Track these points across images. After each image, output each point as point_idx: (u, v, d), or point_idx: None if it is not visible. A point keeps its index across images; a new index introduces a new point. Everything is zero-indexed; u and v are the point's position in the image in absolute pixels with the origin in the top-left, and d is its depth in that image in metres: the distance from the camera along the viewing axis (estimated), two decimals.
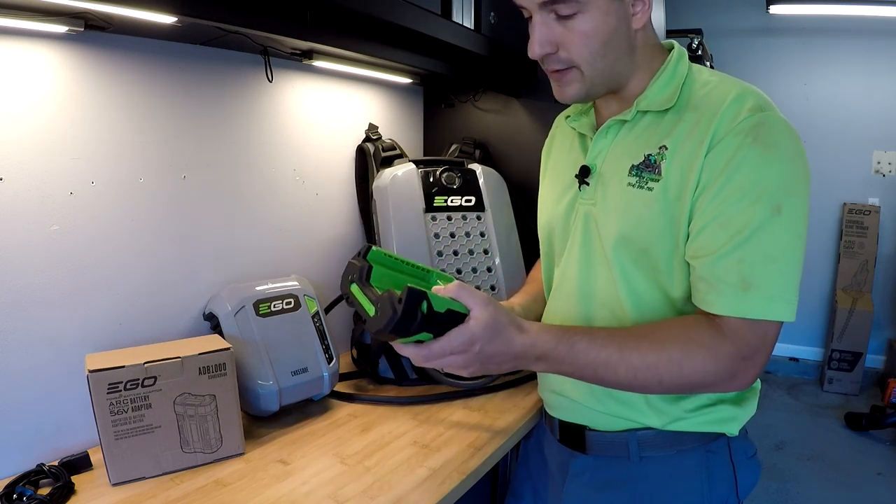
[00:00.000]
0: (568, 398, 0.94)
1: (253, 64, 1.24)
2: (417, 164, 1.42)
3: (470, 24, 1.29)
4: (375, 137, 1.52)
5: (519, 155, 1.66)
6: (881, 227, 3.58)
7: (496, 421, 1.12)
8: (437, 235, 1.37)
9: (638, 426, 0.88)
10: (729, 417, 0.87)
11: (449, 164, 1.46)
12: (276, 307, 1.16)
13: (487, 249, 1.42)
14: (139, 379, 0.89)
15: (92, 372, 0.86)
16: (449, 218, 1.40)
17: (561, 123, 1.05)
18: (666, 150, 0.79)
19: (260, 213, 1.31)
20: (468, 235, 1.41)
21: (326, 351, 1.19)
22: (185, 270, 1.16)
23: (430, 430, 1.09)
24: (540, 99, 1.63)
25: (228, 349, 0.97)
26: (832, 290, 3.71)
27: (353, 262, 0.76)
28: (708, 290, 0.75)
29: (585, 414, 0.92)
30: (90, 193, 1.00)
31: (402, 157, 1.48)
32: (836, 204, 3.68)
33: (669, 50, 0.87)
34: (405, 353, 0.71)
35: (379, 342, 1.27)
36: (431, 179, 1.41)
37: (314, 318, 1.20)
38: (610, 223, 0.84)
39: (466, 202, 1.43)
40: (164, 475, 0.92)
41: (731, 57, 3.71)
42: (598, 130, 0.89)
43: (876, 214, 3.57)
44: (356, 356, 1.38)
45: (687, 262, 0.79)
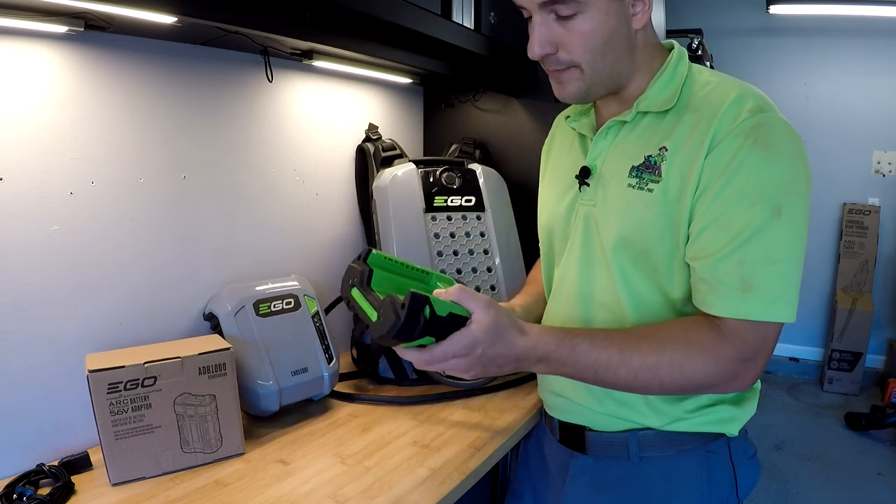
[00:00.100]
0: (568, 399, 0.94)
1: (253, 64, 1.24)
2: (417, 164, 1.42)
3: (470, 24, 1.29)
4: (375, 137, 1.52)
5: (519, 155, 1.66)
6: (881, 227, 3.58)
7: (496, 421, 1.12)
8: (437, 235, 1.37)
9: (638, 426, 0.88)
10: (729, 418, 0.87)
11: (449, 164, 1.46)
12: (276, 307, 1.16)
13: (487, 249, 1.42)
14: (139, 379, 0.89)
15: (92, 372, 0.86)
16: (449, 218, 1.40)
17: (561, 123, 1.05)
18: (666, 151, 0.79)
19: (260, 213, 1.31)
20: (468, 235, 1.40)
21: (326, 351, 1.19)
22: (185, 270, 1.16)
23: (430, 430, 1.09)
24: (540, 99, 1.62)
25: (228, 349, 0.97)
26: (832, 290, 3.71)
27: (353, 265, 0.76)
28: (708, 291, 0.75)
29: (585, 415, 0.92)
30: (90, 193, 1.00)
31: (402, 157, 1.48)
32: (836, 204, 3.68)
33: (669, 50, 0.87)
34: (407, 357, 0.71)
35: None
36: (431, 179, 1.41)
37: (314, 318, 1.20)
38: (610, 224, 0.84)
39: (466, 202, 1.43)
40: (164, 475, 0.92)
41: (731, 57, 3.71)
42: (598, 131, 0.89)
43: (876, 214, 3.57)
44: (356, 356, 1.38)
45: (687, 263, 0.79)
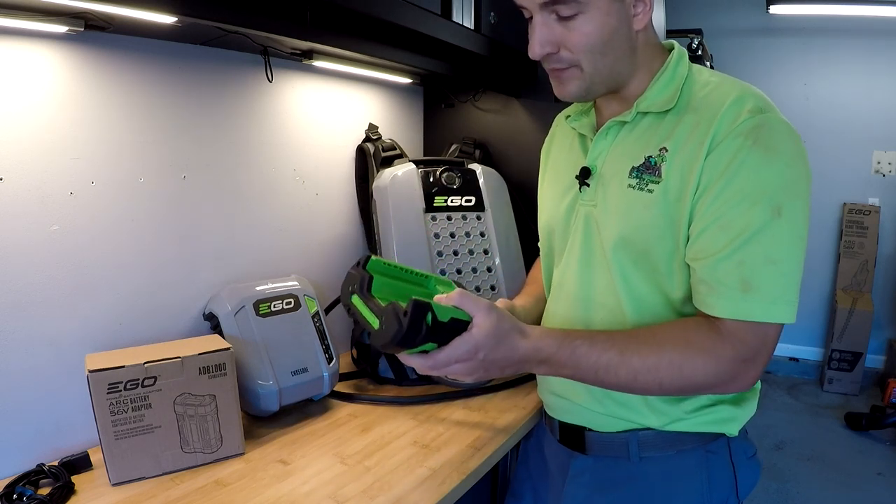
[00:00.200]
0: (568, 400, 0.94)
1: (253, 64, 1.24)
2: (417, 164, 1.42)
3: (470, 24, 1.29)
4: (375, 137, 1.52)
5: (519, 155, 1.66)
6: (881, 227, 3.58)
7: (496, 421, 1.12)
8: (437, 235, 1.37)
9: (638, 427, 0.88)
10: (729, 418, 0.87)
11: (449, 164, 1.46)
12: (276, 307, 1.16)
13: (487, 249, 1.42)
14: (139, 379, 0.89)
15: (92, 372, 0.86)
16: (449, 218, 1.40)
17: (561, 123, 1.05)
18: (666, 151, 0.79)
19: (260, 213, 1.31)
20: (468, 235, 1.40)
21: (326, 351, 1.19)
22: (185, 270, 1.16)
23: (430, 430, 1.09)
24: (540, 99, 1.62)
25: (228, 349, 0.97)
26: (832, 290, 3.71)
27: (352, 272, 0.75)
28: (708, 292, 0.75)
29: (585, 415, 0.92)
30: (90, 193, 1.00)
31: (402, 157, 1.48)
32: (836, 204, 3.68)
33: (670, 50, 0.87)
34: (410, 363, 0.71)
35: None
36: (431, 179, 1.41)
37: (314, 318, 1.20)
38: (610, 225, 0.84)
39: (466, 202, 1.43)
40: (164, 475, 0.92)
41: (731, 57, 3.71)
42: (598, 131, 0.88)
43: (876, 214, 3.57)
44: (356, 356, 1.38)
45: (687, 263, 0.79)
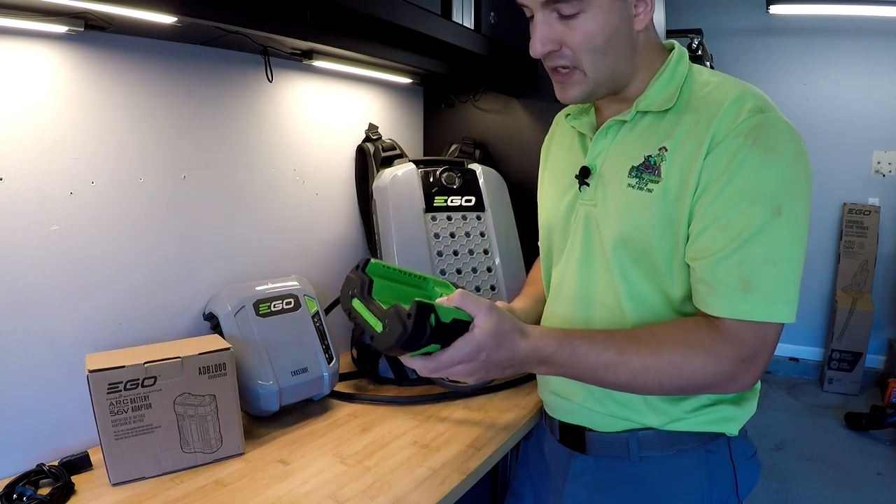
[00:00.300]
0: (568, 400, 0.94)
1: (253, 64, 1.24)
2: (417, 164, 1.42)
3: (470, 24, 1.29)
4: (375, 137, 1.52)
5: (519, 155, 1.66)
6: (881, 227, 3.58)
7: (496, 421, 1.12)
8: (437, 235, 1.37)
9: (638, 426, 0.88)
10: (729, 417, 0.87)
11: (449, 164, 1.46)
12: (276, 307, 1.16)
13: (487, 249, 1.42)
14: (139, 379, 0.89)
15: (92, 372, 0.86)
16: (449, 218, 1.40)
17: (561, 121, 1.05)
18: (666, 151, 0.79)
19: (260, 213, 1.31)
20: (468, 235, 1.40)
21: (326, 351, 1.19)
22: (185, 270, 1.16)
23: (430, 430, 1.09)
24: (540, 99, 1.62)
25: (228, 349, 0.97)
26: (832, 290, 3.71)
27: (351, 276, 0.75)
28: (708, 292, 0.75)
29: (585, 415, 0.92)
30: (90, 193, 1.00)
31: (402, 157, 1.48)
32: (836, 204, 3.68)
33: (670, 50, 0.87)
34: (412, 365, 0.71)
35: None
36: (431, 179, 1.41)
37: (314, 318, 1.20)
38: (610, 224, 0.84)
39: (466, 202, 1.43)
40: (164, 475, 0.92)
41: (731, 57, 3.71)
42: (597, 130, 0.88)
43: (876, 214, 3.57)
44: (356, 356, 1.38)
45: (687, 263, 0.79)
